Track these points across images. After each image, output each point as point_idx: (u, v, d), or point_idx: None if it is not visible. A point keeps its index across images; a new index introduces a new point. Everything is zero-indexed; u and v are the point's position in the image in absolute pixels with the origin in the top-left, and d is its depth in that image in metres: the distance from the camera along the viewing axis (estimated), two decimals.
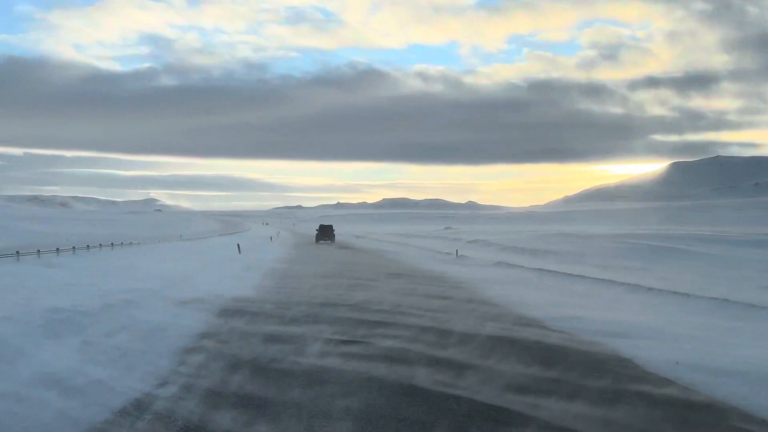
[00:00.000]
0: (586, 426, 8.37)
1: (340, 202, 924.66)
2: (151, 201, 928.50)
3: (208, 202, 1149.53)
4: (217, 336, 14.36)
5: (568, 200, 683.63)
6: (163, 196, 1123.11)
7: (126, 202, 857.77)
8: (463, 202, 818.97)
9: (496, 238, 62.29)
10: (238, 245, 45.32)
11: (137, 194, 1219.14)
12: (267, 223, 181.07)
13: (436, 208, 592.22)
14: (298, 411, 8.93)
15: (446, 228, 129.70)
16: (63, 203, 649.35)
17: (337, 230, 78.24)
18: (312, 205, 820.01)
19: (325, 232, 64.61)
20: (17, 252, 28.22)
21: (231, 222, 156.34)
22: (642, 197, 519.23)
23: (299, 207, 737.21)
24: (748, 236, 50.16)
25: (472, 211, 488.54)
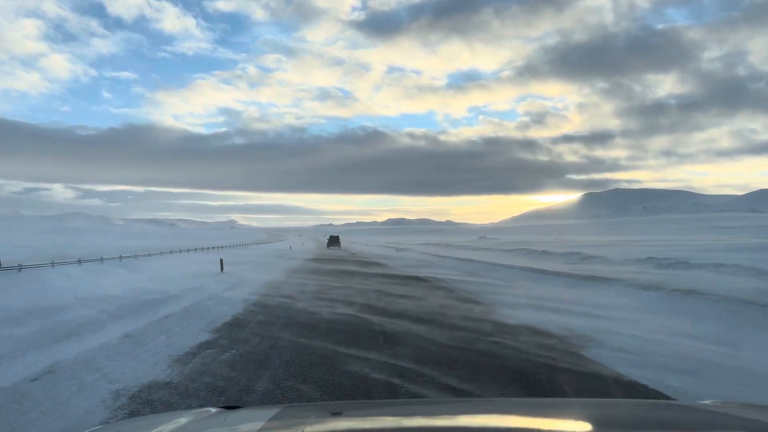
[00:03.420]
0: None
1: (359, 221, 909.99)
2: (230, 222, 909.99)
3: (268, 222, 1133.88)
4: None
5: (513, 219, 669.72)
6: (239, 218, 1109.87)
7: (214, 222, 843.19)
8: (444, 220, 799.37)
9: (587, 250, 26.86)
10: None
11: (221, 217, 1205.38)
12: (300, 235, 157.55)
13: (424, 225, 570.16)
14: None
15: (481, 238, 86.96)
16: (171, 224, 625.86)
17: (364, 240, 69.30)
18: (339, 224, 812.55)
19: (334, 240, 56.21)
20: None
21: (276, 234, 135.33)
22: (563, 217, 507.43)
23: (330, 224, 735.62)
24: None
25: (453, 226, 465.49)
